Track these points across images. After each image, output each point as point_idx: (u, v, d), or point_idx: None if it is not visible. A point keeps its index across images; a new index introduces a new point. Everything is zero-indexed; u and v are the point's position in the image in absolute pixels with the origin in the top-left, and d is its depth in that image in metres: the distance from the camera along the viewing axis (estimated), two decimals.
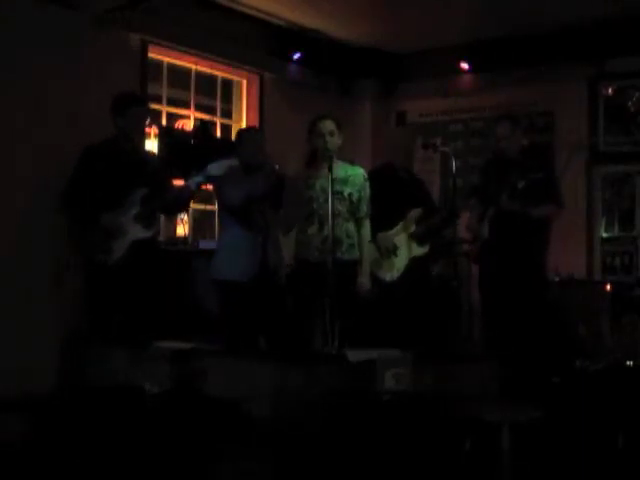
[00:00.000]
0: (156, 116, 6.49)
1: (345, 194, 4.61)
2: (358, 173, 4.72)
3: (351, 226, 4.66)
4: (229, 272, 5.02)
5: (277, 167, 4.94)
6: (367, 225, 4.72)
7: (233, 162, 5.07)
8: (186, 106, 6.84)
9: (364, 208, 4.68)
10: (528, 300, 5.13)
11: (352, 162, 4.87)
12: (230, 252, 5.05)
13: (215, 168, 5.07)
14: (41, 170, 5.18)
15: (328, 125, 4.64)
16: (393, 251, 5.28)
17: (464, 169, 7.54)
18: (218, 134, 7.03)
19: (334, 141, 4.61)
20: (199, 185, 5.18)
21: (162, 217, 6.00)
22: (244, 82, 7.26)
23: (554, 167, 5.55)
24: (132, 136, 4.99)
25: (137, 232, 4.87)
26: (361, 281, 4.60)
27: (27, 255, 5.13)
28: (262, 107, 7.17)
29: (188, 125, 6.77)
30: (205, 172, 5.01)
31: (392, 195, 5.29)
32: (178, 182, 5.24)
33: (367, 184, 4.73)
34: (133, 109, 4.92)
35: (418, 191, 5.49)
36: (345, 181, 4.64)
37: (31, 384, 4.75)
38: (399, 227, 5.31)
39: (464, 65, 7.65)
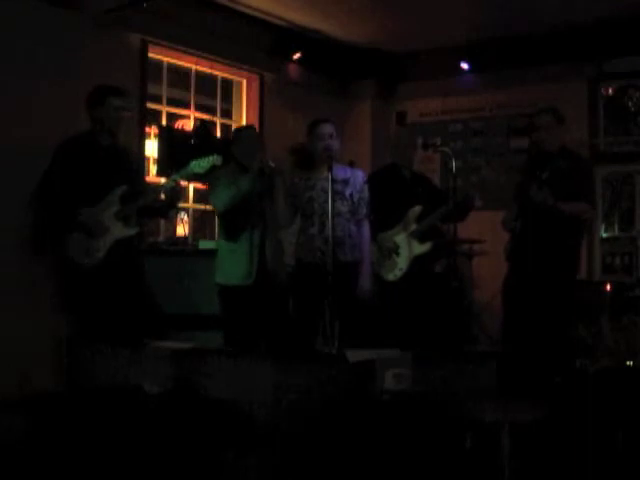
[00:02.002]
0: (156, 116, 6.50)
1: (346, 194, 4.63)
2: (357, 175, 4.74)
3: (353, 227, 4.66)
4: (228, 276, 4.98)
5: (272, 164, 4.85)
6: (367, 226, 4.73)
7: (217, 160, 4.88)
8: (186, 106, 6.85)
9: (364, 209, 4.70)
10: (555, 301, 5.06)
11: (351, 165, 4.87)
12: (228, 255, 5.02)
13: (197, 166, 4.90)
14: (41, 170, 5.17)
15: (329, 128, 4.64)
16: (395, 250, 5.28)
17: (464, 169, 7.55)
18: (218, 134, 7.03)
19: (335, 144, 4.62)
20: (174, 183, 4.97)
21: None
22: (244, 82, 7.27)
23: (589, 168, 5.43)
24: (112, 128, 4.74)
25: (119, 230, 4.67)
26: (362, 283, 4.59)
27: (27, 255, 5.13)
28: (262, 107, 7.17)
29: (188, 125, 6.77)
30: (186, 170, 4.83)
31: (396, 195, 5.29)
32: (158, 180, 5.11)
33: (366, 187, 4.74)
34: (110, 98, 4.69)
35: (424, 189, 5.47)
36: (346, 182, 4.65)
37: (31, 384, 4.75)
38: (400, 226, 5.31)
39: (464, 65, 7.66)
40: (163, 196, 4.88)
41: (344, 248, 4.53)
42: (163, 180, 5.97)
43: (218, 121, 7.12)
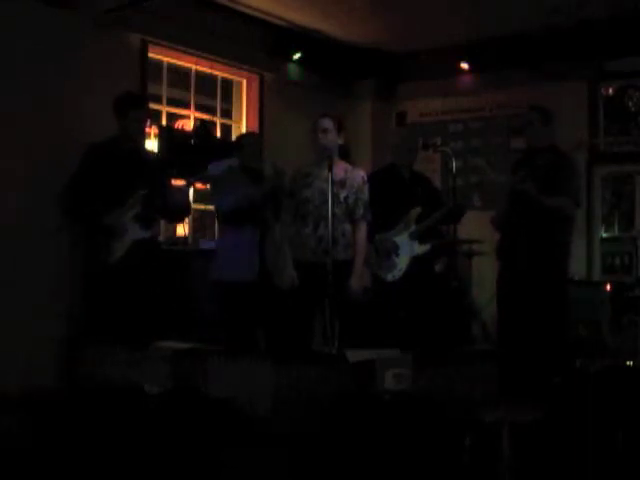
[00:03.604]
0: (156, 116, 6.49)
1: (341, 197, 4.59)
2: (356, 175, 4.70)
3: (347, 227, 4.64)
4: (228, 273, 5.03)
5: (275, 173, 4.97)
6: (363, 228, 4.68)
7: (233, 162, 5.09)
8: (186, 106, 6.85)
9: (360, 211, 4.65)
10: (546, 299, 5.07)
11: (353, 163, 4.86)
12: (228, 254, 5.07)
13: (214, 168, 5.09)
14: (42, 170, 5.18)
15: (323, 123, 4.64)
16: (395, 251, 5.28)
17: (464, 169, 7.55)
18: (218, 134, 7.03)
19: (328, 139, 4.60)
20: (191, 184, 5.21)
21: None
22: (244, 82, 7.26)
23: (574, 164, 5.43)
24: (134, 137, 5.00)
25: (136, 232, 4.85)
26: (352, 283, 4.56)
27: (27, 255, 5.13)
28: (262, 107, 7.17)
29: (188, 125, 6.77)
30: (206, 173, 5.04)
31: (395, 196, 5.29)
32: (178, 182, 5.25)
33: (366, 187, 4.70)
34: (132, 111, 4.93)
35: (423, 190, 5.47)
36: (343, 183, 4.62)
37: (31, 384, 4.75)
38: (400, 227, 5.31)
39: (464, 65, 7.66)
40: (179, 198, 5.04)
41: (336, 247, 4.52)
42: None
43: (218, 121, 7.11)
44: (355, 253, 4.62)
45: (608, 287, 6.23)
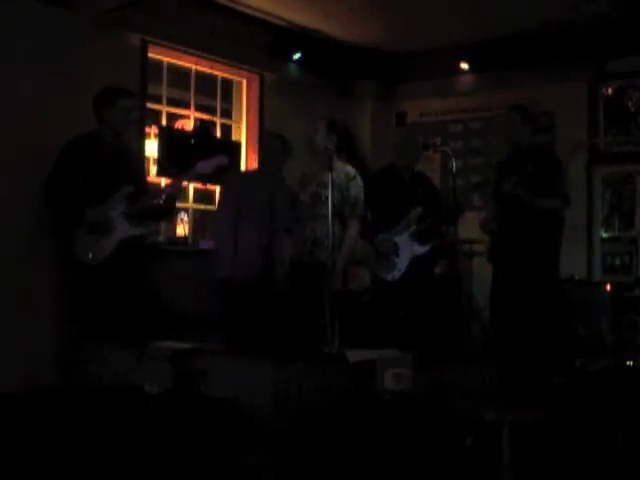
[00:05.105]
0: (156, 116, 6.49)
1: (322, 197, 4.57)
2: (340, 173, 4.67)
3: (337, 226, 4.61)
4: (235, 272, 5.06)
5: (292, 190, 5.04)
6: (352, 226, 4.65)
7: (222, 160, 4.96)
8: (186, 106, 6.85)
9: (348, 209, 4.62)
10: (541, 299, 5.08)
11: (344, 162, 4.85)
12: (237, 253, 5.10)
13: (203, 166, 4.97)
14: (41, 171, 5.16)
15: (315, 124, 4.67)
16: (395, 251, 5.28)
17: (464, 169, 7.55)
18: (218, 134, 7.03)
19: (315, 140, 4.64)
20: (181, 181, 5.20)
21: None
22: (244, 82, 7.26)
23: (561, 164, 5.46)
24: (119, 129, 4.82)
25: (126, 229, 4.70)
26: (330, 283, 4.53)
27: (27, 255, 5.13)
28: (262, 107, 7.17)
29: (188, 125, 6.77)
30: (194, 171, 4.90)
31: (395, 196, 5.29)
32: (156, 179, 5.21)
33: (353, 183, 4.66)
34: (121, 100, 4.77)
35: (423, 190, 5.48)
36: (326, 183, 4.60)
37: (31, 384, 4.75)
38: (400, 227, 5.31)
39: (464, 65, 7.66)
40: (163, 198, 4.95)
41: (321, 248, 4.52)
42: (163, 180, 6.02)
43: (218, 121, 7.11)
44: (339, 251, 4.58)
45: (608, 287, 6.23)
